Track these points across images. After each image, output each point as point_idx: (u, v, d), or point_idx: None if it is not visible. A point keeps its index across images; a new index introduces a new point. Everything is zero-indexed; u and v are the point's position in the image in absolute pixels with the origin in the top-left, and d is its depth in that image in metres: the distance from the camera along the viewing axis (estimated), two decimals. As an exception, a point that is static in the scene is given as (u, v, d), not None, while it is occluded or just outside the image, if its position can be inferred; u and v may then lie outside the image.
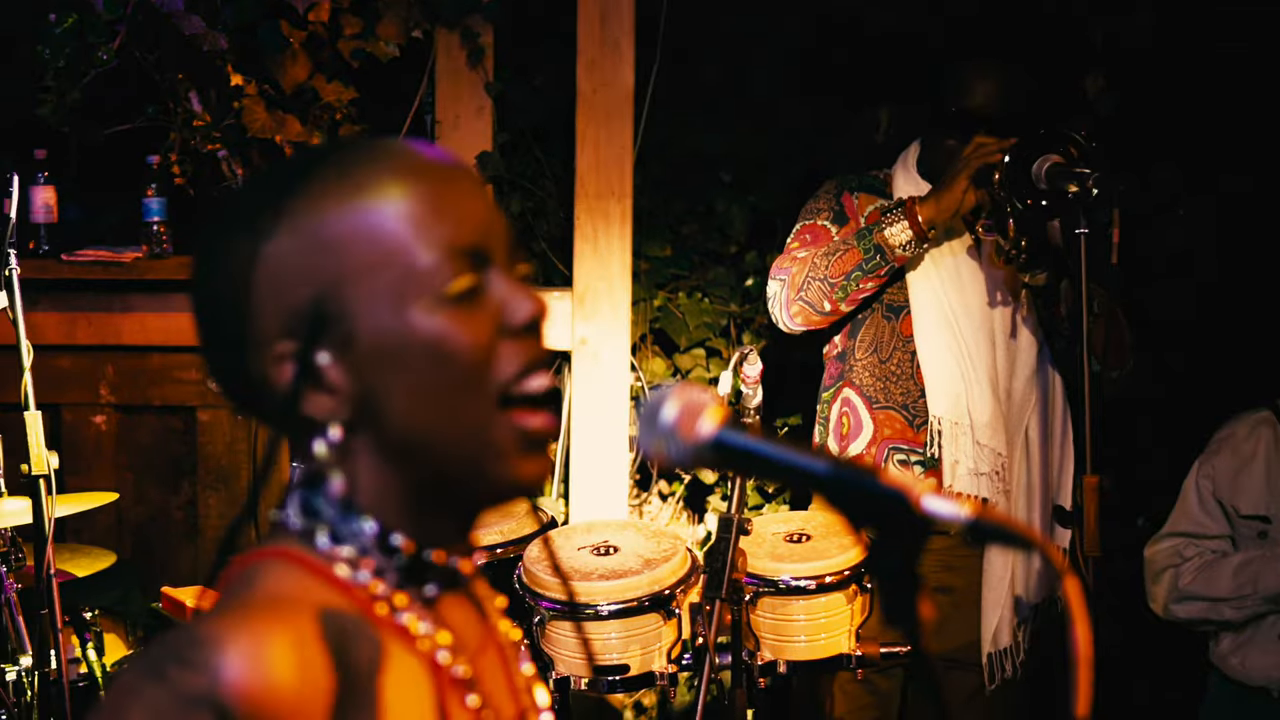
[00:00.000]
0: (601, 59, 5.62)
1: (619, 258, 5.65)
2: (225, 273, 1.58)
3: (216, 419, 5.84)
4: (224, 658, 1.41)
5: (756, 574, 3.99)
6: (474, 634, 1.69)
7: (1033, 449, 4.60)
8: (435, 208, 1.58)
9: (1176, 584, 4.59)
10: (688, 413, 1.60)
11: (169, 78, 5.51)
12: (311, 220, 1.56)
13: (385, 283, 1.55)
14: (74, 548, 4.98)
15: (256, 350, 1.58)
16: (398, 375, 1.56)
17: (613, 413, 5.66)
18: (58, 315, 5.74)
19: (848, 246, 4.45)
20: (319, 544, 1.60)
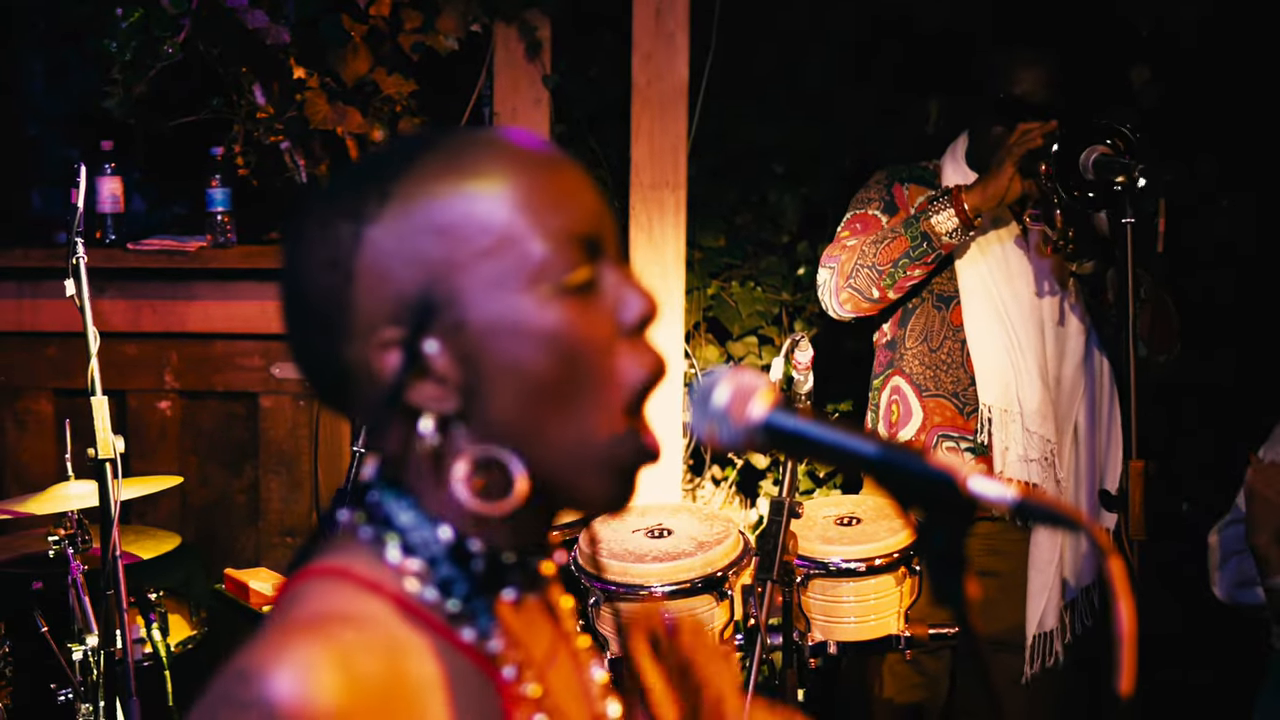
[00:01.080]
0: (656, 51, 5.62)
1: (673, 246, 5.65)
2: (325, 257, 1.52)
3: (278, 405, 5.86)
4: (272, 687, 1.37)
5: (807, 556, 4.01)
6: (545, 642, 1.63)
7: (1081, 435, 4.60)
8: (549, 196, 1.52)
9: (1241, 570, 4.56)
10: (739, 396, 1.59)
11: (233, 71, 5.53)
12: (420, 204, 1.50)
13: (499, 270, 1.49)
14: (139, 530, 5.01)
15: (357, 337, 1.52)
16: (510, 366, 1.49)
17: (667, 399, 5.63)
18: (124, 303, 5.78)
19: (895, 234, 4.46)
20: (387, 556, 1.54)
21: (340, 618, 1.47)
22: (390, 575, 1.53)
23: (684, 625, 1.91)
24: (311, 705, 1.37)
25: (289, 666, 1.38)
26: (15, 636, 4.62)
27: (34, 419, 6.00)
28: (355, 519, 1.58)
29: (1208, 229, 5.66)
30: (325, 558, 1.55)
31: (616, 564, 3.98)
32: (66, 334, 4.33)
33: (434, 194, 1.51)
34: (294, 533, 5.88)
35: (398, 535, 1.54)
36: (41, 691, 4.57)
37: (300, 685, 1.37)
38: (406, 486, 1.56)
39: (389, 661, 1.45)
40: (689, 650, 1.89)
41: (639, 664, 1.85)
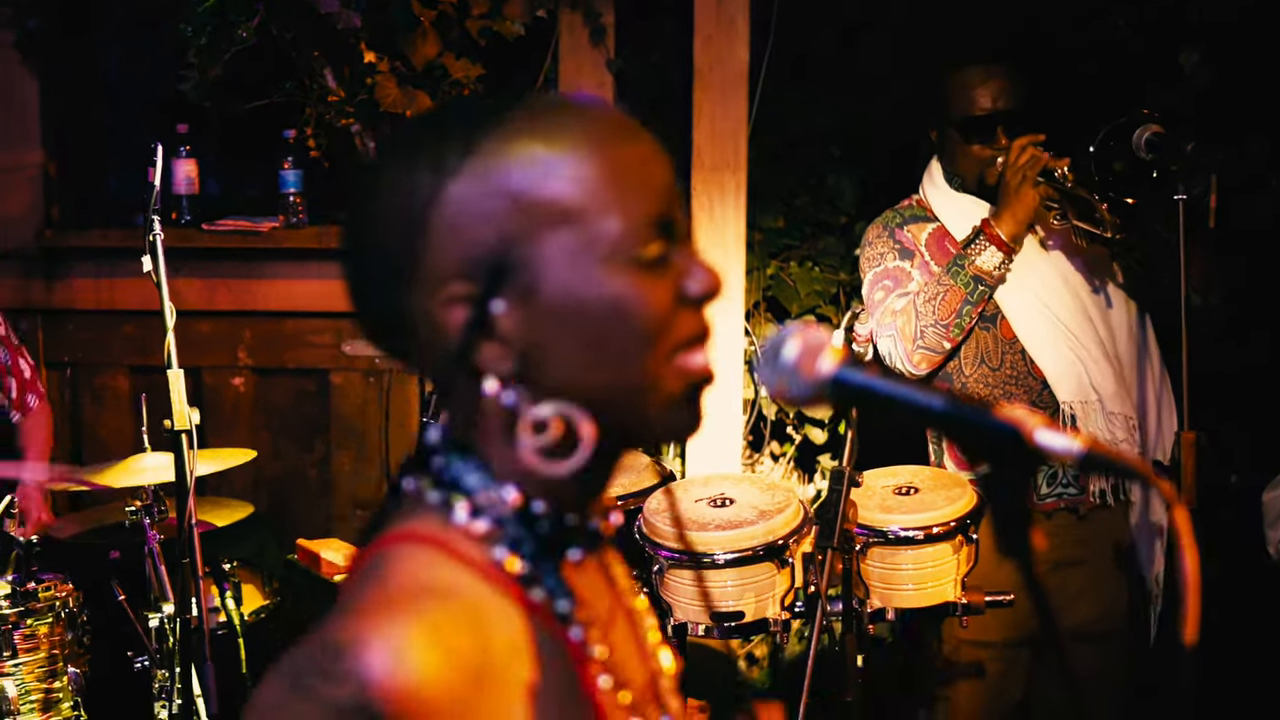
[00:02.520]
0: (718, 36, 5.59)
1: (734, 228, 5.63)
2: (401, 206, 1.50)
3: (349, 381, 5.89)
4: (366, 663, 1.35)
5: (866, 525, 3.98)
6: (605, 602, 1.62)
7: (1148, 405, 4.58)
8: (630, 174, 1.50)
9: None
10: (808, 351, 1.58)
11: (305, 55, 5.54)
12: (504, 165, 1.48)
13: (575, 241, 1.48)
14: (213, 500, 5.04)
15: (425, 288, 1.49)
16: (575, 331, 1.48)
17: (728, 376, 5.63)
18: (199, 282, 5.83)
19: (945, 286, 4.40)
20: (455, 518, 1.53)
21: (428, 590, 1.45)
22: (460, 537, 1.52)
23: None
24: (407, 683, 1.35)
25: (383, 643, 1.37)
26: (93, 605, 4.65)
27: (111, 395, 6.05)
28: (422, 485, 1.56)
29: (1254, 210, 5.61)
30: (399, 525, 1.54)
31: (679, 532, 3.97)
32: (142, 312, 4.35)
33: (519, 156, 1.49)
34: (364, 505, 5.90)
35: (465, 497, 1.53)
36: (119, 659, 4.61)
37: (396, 663, 1.36)
38: (472, 449, 1.55)
39: (476, 632, 1.44)
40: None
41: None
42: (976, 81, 4.51)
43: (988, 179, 4.51)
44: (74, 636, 4.54)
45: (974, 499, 4.08)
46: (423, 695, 1.35)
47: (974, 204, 4.55)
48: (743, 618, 3.94)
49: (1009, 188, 4.37)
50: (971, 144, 4.53)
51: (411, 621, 1.39)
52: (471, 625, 1.43)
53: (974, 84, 4.51)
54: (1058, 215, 4.45)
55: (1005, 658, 4.54)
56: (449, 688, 1.37)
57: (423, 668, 1.36)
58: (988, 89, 4.50)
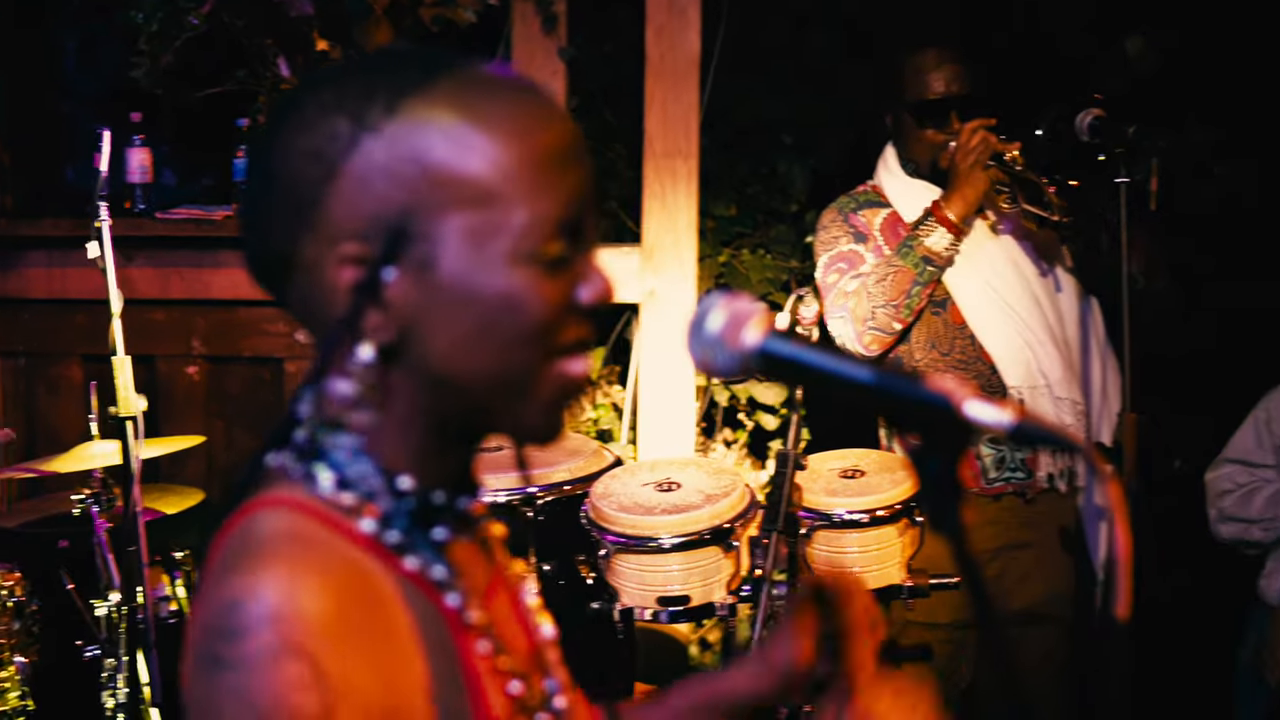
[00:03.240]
0: (669, 25, 5.55)
1: (685, 214, 5.58)
2: (315, 147, 1.43)
3: (302, 369, 5.80)
4: (264, 604, 1.30)
5: (812, 508, 3.92)
6: (483, 574, 1.58)
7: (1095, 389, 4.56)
8: (550, 167, 1.46)
9: (1223, 507, 4.56)
10: (734, 321, 1.52)
11: (257, 43, 5.47)
12: (424, 131, 1.42)
13: (481, 224, 1.43)
14: (164, 487, 4.93)
15: (320, 237, 1.44)
16: (461, 315, 1.44)
17: (679, 362, 5.59)
18: (152, 271, 5.73)
19: (895, 267, 4.38)
20: (321, 489, 1.47)
21: (302, 538, 1.41)
22: (327, 507, 1.46)
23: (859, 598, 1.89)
24: (310, 608, 1.31)
25: (271, 583, 1.32)
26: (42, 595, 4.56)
27: (65, 384, 5.96)
28: (286, 458, 1.50)
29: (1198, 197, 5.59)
30: (264, 494, 1.47)
31: (626, 516, 3.90)
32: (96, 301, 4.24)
33: (441, 126, 1.44)
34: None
35: (330, 470, 1.48)
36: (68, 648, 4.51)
37: (293, 593, 1.32)
38: (343, 421, 1.49)
39: (359, 574, 1.40)
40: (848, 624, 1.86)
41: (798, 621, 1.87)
42: (930, 66, 4.50)
43: (941, 163, 4.49)
44: (22, 626, 4.43)
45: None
46: (329, 617, 1.32)
47: (927, 189, 4.53)
48: (689, 602, 3.87)
49: (959, 170, 4.36)
50: (925, 128, 4.52)
51: (295, 558, 1.36)
52: (351, 567, 1.40)
53: (928, 69, 4.50)
54: (1008, 199, 4.44)
55: (953, 639, 4.51)
56: (349, 611, 1.34)
57: (319, 595, 1.32)
58: (941, 74, 4.49)
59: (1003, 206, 4.49)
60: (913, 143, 4.58)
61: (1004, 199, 4.46)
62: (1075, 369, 4.52)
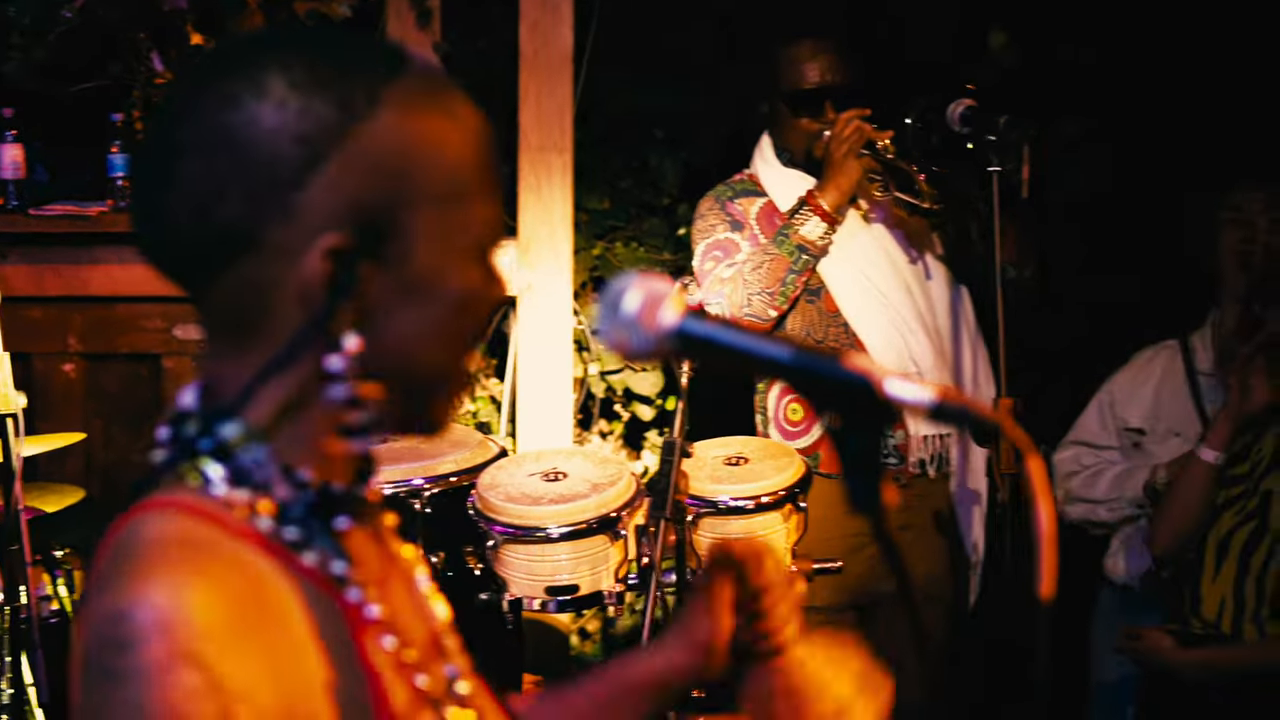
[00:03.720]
0: (543, 20, 5.51)
1: (561, 208, 5.54)
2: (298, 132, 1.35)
3: (181, 366, 5.69)
4: (147, 616, 1.24)
5: (697, 495, 3.91)
6: (377, 563, 1.52)
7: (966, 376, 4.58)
8: (492, 165, 1.45)
9: (1069, 489, 4.60)
10: (650, 302, 1.47)
11: (131, 37, 5.36)
12: (408, 123, 1.38)
13: (452, 221, 1.41)
14: (43, 485, 4.81)
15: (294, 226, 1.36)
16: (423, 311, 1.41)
17: (556, 355, 5.56)
18: (27, 268, 5.58)
19: (771, 255, 4.38)
20: (213, 489, 1.39)
21: (190, 540, 1.33)
22: (218, 506, 1.38)
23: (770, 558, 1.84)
24: (197, 618, 1.25)
25: (159, 590, 1.26)
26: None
27: (-61, 381, 5.80)
28: (173, 454, 1.42)
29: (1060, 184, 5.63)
30: (150, 496, 1.39)
31: (514, 507, 3.86)
32: (-29, 297, 4.14)
33: (422, 119, 1.40)
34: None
35: (220, 465, 1.39)
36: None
37: (180, 600, 1.25)
38: (236, 412, 1.41)
39: (249, 576, 1.33)
40: (765, 584, 1.83)
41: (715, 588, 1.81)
42: (805, 56, 4.48)
43: (815, 152, 4.49)
44: (-99, 628, 4.32)
45: (802, 468, 4.04)
46: (220, 622, 1.26)
47: (801, 179, 4.52)
48: (577, 590, 3.85)
49: (833, 159, 4.36)
50: (800, 117, 4.51)
51: (181, 564, 1.29)
52: (240, 569, 1.33)
53: (803, 59, 4.48)
54: (880, 187, 4.45)
55: (832, 622, 4.51)
56: (240, 615, 1.28)
57: (208, 600, 1.26)
58: (816, 64, 4.47)
59: (875, 195, 4.50)
60: (788, 132, 4.57)
61: (876, 187, 4.48)
62: (946, 356, 4.53)
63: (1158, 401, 4.57)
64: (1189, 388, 4.53)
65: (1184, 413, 4.52)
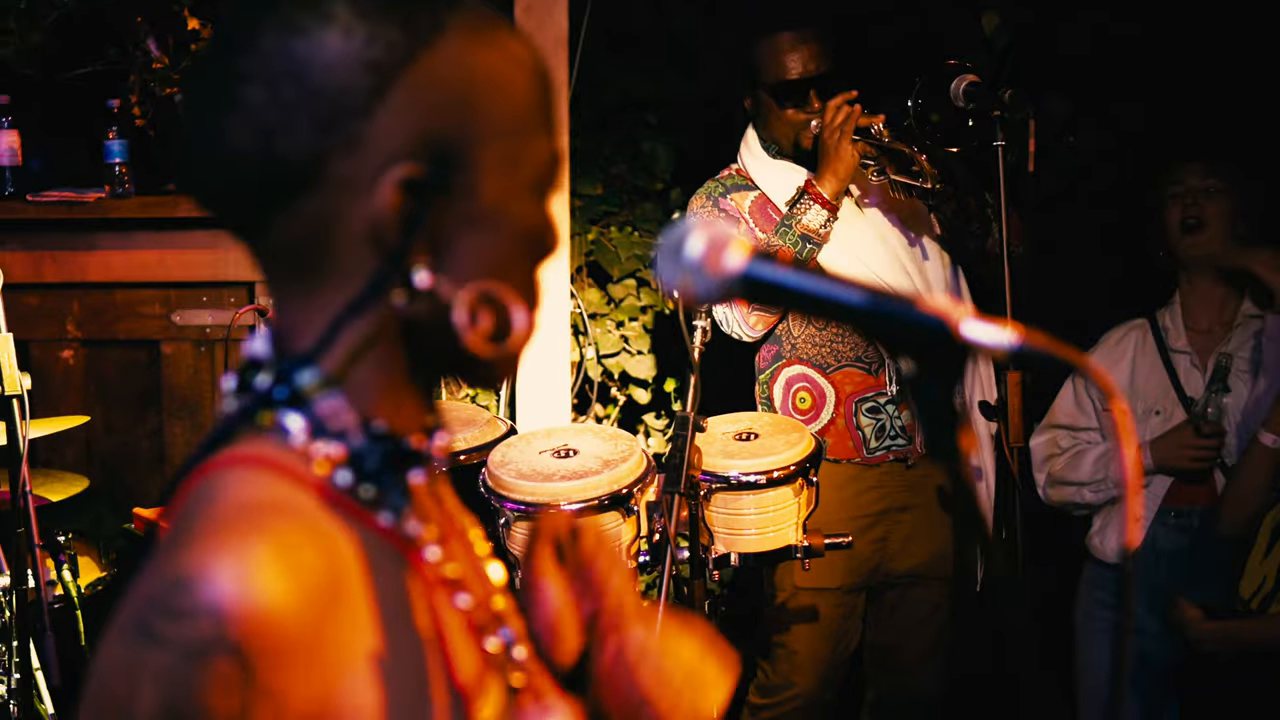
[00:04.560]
0: (537, 4, 5.43)
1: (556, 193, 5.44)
2: (366, 57, 1.29)
3: (179, 351, 5.63)
4: (215, 592, 1.18)
5: (709, 470, 3.85)
6: (441, 522, 1.46)
7: (968, 352, 4.53)
8: (553, 104, 1.41)
9: (1051, 472, 4.56)
10: (714, 247, 1.39)
11: (127, 22, 5.29)
12: (471, 54, 1.33)
13: (516, 154, 1.35)
14: (46, 473, 4.75)
15: (361, 156, 1.29)
16: (491, 244, 1.35)
17: (553, 338, 5.50)
18: (25, 255, 5.50)
19: (774, 248, 4.28)
20: (292, 440, 1.33)
21: (268, 506, 1.27)
22: (297, 459, 1.33)
23: (586, 532, 1.75)
24: (260, 606, 1.19)
25: (230, 566, 1.19)
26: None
27: (-60, 367, 5.72)
28: (249, 404, 1.36)
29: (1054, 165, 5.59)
30: (230, 448, 1.33)
31: (526, 484, 3.79)
32: (-27, 283, 4.06)
33: (483, 50, 1.34)
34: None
35: (301, 416, 1.34)
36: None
37: (246, 585, 1.19)
38: (313, 359, 1.35)
39: (323, 549, 1.27)
40: (590, 556, 1.74)
41: (541, 571, 1.72)
42: (788, 47, 4.45)
43: (802, 142, 4.47)
44: (-93, 612, 4.25)
45: (813, 443, 3.99)
46: (279, 618, 1.20)
47: (790, 169, 4.50)
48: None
49: (828, 147, 4.32)
50: (785, 108, 4.48)
51: (255, 540, 1.22)
52: (318, 541, 1.26)
53: (786, 50, 4.45)
54: (875, 171, 4.40)
55: (843, 603, 4.49)
56: (304, 607, 1.22)
57: (275, 588, 1.20)
58: (799, 54, 4.44)
59: (870, 180, 4.45)
60: (774, 123, 4.53)
61: (870, 172, 4.43)
62: None
63: (1133, 382, 4.53)
64: (1163, 366, 4.49)
65: (1161, 391, 4.49)
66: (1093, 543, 4.57)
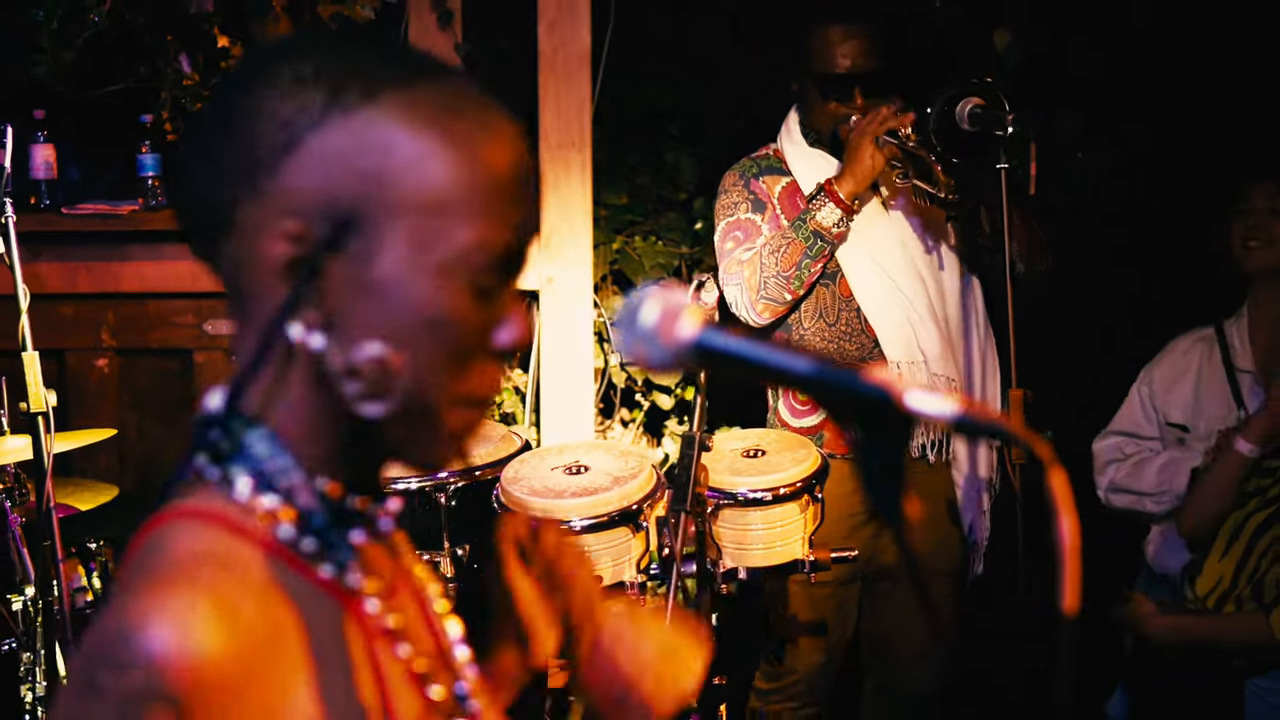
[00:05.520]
0: (560, 21, 5.48)
1: (580, 203, 5.52)
2: (282, 112, 1.34)
3: (211, 360, 5.67)
4: (150, 643, 1.21)
5: (717, 488, 3.85)
6: (391, 576, 1.50)
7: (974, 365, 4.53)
8: (503, 196, 1.38)
9: (1113, 478, 4.54)
10: (668, 315, 1.40)
11: (159, 40, 5.33)
12: (396, 127, 1.34)
13: (426, 234, 1.34)
14: (76, 482, 4.77)
15: (262, 206, 1.34)
16: (386, 321, 1.35)
17: (577, 345, 5.54)
18: (60, 266, 5.57)
19: (788, 240, 4.34)
20: (237, 494, 1.37)
21: (208, 558, 1.31)
22: (241, 513, 1.37)
23: (548, 529, 1.78)
24: (197, 657, 1.22)
25: (168, 618, 1.23)
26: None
27: (-26, 378, 5.78)
28: (200, 459, 1.39)
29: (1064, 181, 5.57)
30: (175, 503, 1.37)
31: (538, 500, 3.81)
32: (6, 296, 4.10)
33: (412, 127, 1.35)
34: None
35: (248, 472, 1.38)
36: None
37: (183, 637, 1.22)
38: (262, 418, 1.39)
39: (261, 602, 1.30)
40: (554, 553, 1.78)
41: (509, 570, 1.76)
42: (837, 40, 4.40)
43: (841, 135, 4.44)
44: (-63, 621, 4.30)
45: (818, 460, 3.99)
46: (215, 668, 1.23)
47: (824, 160, 4.48)
48: (600, 581, 3.79)
49: (852, 147, 4.32)
50: (828, 101, 4.45)
51: (193, 593, 1.26)
52: (256, 594, 1.30)
53: (835, 42, 4.40)
54: (900, 174, 4.38)
55: (837, 594, 4.55)
56: (240, 657, 1.25)
57: (211, 640, 1.23)
58: (848, 49, 4.39)
59: (895, 182, 4.43)
60: (816, 112, 4.50)
61: (897, 174, 4.41)
62: (955, 347, 4.49)
63: (1198, 400, 4.50)
64: (1229, 386, 4.46)
65: (1226, 412, 4.44)
66: (1148, 550, 4.55)
